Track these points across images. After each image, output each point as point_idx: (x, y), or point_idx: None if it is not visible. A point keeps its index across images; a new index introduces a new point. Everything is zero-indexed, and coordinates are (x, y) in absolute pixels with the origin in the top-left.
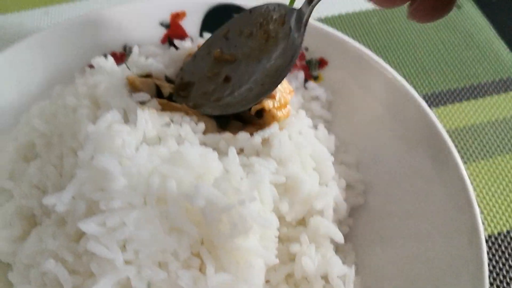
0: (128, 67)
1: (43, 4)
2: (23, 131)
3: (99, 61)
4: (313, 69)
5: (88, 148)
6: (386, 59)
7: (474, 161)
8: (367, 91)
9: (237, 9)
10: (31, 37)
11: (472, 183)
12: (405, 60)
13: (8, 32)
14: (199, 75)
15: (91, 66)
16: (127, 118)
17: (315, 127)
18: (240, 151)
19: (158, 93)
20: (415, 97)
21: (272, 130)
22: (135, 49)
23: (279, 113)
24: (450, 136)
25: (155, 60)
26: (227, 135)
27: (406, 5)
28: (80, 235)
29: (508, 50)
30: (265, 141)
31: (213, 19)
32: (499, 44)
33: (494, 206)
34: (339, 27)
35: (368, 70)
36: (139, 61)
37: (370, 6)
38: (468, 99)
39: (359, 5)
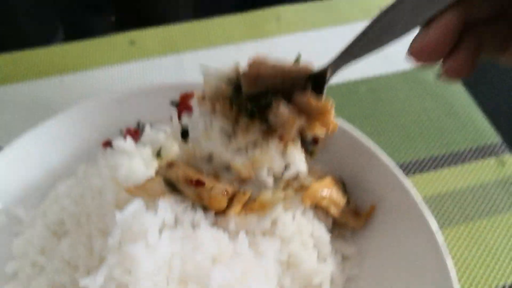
0: (143, 144)
1: (58, 73)
2: (53, 209)
3: (118, 143)
4: (308, 144)
5: (116, 234)
6: (373, 126)
7: (455, 224)
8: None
9: None
10: (53, 119)
11: (453, 246)
12: (391, 127)
13: (26, 101)
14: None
15: (109, 143)
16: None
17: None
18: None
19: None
20: (395, 172)
21: (277, 211)
22: (147, 127)
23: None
24: (434, 201)
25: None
26: (237, 218)
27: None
28: None
29: (484, 118)
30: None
31: None
32: (476, 113)
33: (475, 268)
34: (330, 96)
35: (358, 153)
36: (153, 137)
37: (359, 76)
38: (449, 165)
39: (349, 75)
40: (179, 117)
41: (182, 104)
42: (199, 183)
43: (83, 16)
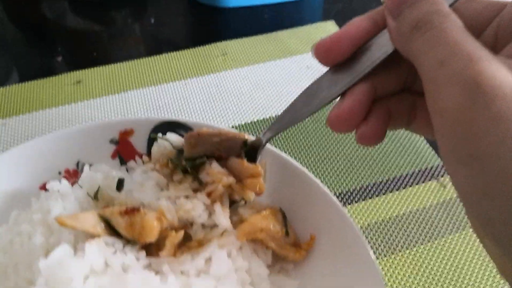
0: (80, 186)
1: (0, 117)
2: None
3: (53, 185)
4: None
5: (40, 283)
6: (317, 155)
7: (400, 250)
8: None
9: (181, 125)
10: None
11: (398, 274)
12: (335, 155)
13: None
14: None
15: (44, 187)
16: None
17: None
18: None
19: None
20: (333, 201)
21: (211, 249)
22: (86, 168)
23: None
24: (378, 228)
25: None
26: (170, 258)
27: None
28: None
29: (425, 142)
30: (207, 260)
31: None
32: (416, 136)
33: None
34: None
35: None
36: (90, 178)
37: None
38: (392, 190)
39: None
40: (118, 155)
41: (122, 142)
42: (133, 210)
43: (35, 57)
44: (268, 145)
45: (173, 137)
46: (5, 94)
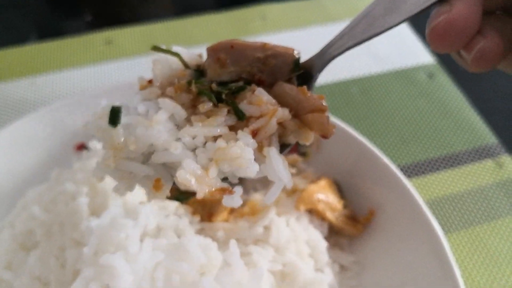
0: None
1: (30, 74)
2: (21, 218)
3: (95, 144)
4: (301, 146)
5: (92, 243)
6: (366, 128)
7: (455, 230)
8: (353, 170)
9: None
10: (20, 121)
11: (454, 254)
12: (384, 128)
13: None
14: None
15: (83, 146)
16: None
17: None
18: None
19: None
20: (397, 174)
21: (270, 216)
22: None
23: None
24: (431, 206)
25: None
26: (226, 225)
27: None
28: None
29: (479, 118)
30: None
31: None
32: (470, 113)
33: (477, 277)
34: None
35: (352, 149)
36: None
37: (350, 75)
38: (445, 168)
39: (338, 75)
40: None
41: None
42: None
43: (58, 17)
44: None
45: (182, 50)
46: (32, 52)
